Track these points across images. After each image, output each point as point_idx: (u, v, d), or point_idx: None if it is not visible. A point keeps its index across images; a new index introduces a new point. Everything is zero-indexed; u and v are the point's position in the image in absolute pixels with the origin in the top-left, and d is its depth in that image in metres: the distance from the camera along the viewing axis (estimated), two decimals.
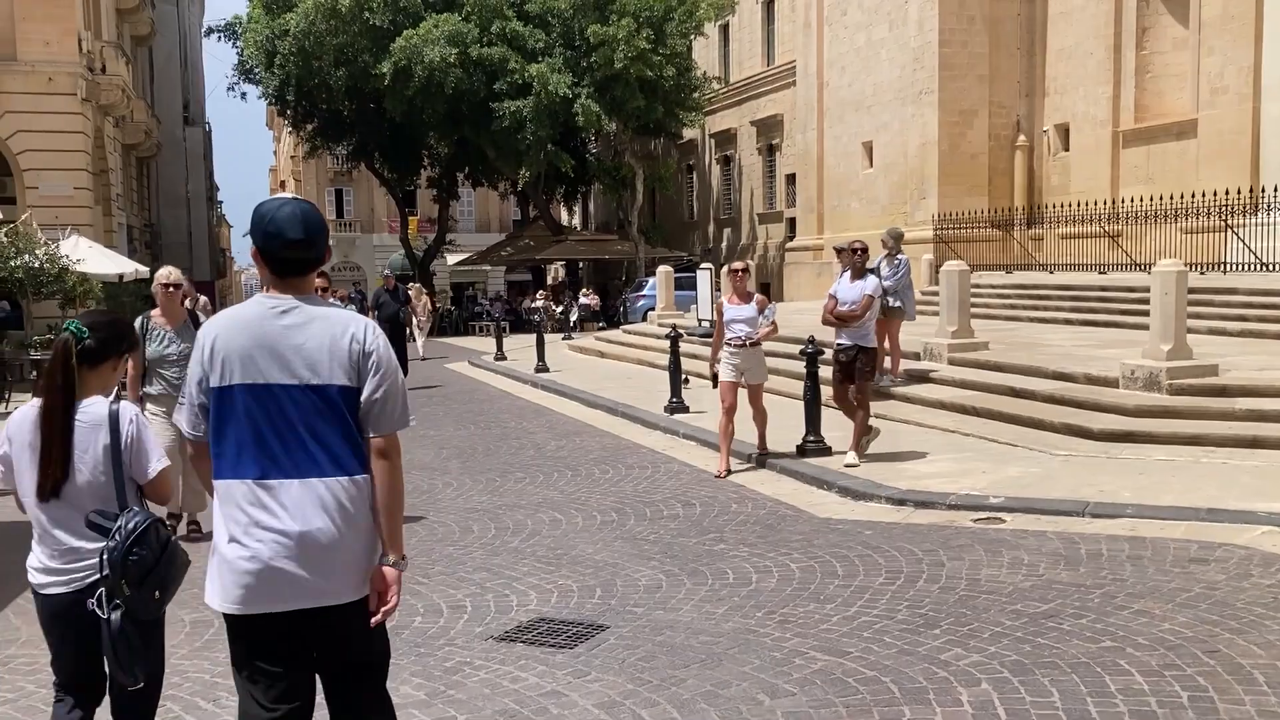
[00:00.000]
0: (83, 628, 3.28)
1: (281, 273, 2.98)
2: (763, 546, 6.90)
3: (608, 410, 13.71)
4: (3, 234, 18.28)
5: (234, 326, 2.97)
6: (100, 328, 3.40)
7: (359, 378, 2.93)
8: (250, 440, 2.89)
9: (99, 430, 3.31)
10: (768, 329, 9.49)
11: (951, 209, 27.84)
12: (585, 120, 32.89)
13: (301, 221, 2.95)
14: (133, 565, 3.15)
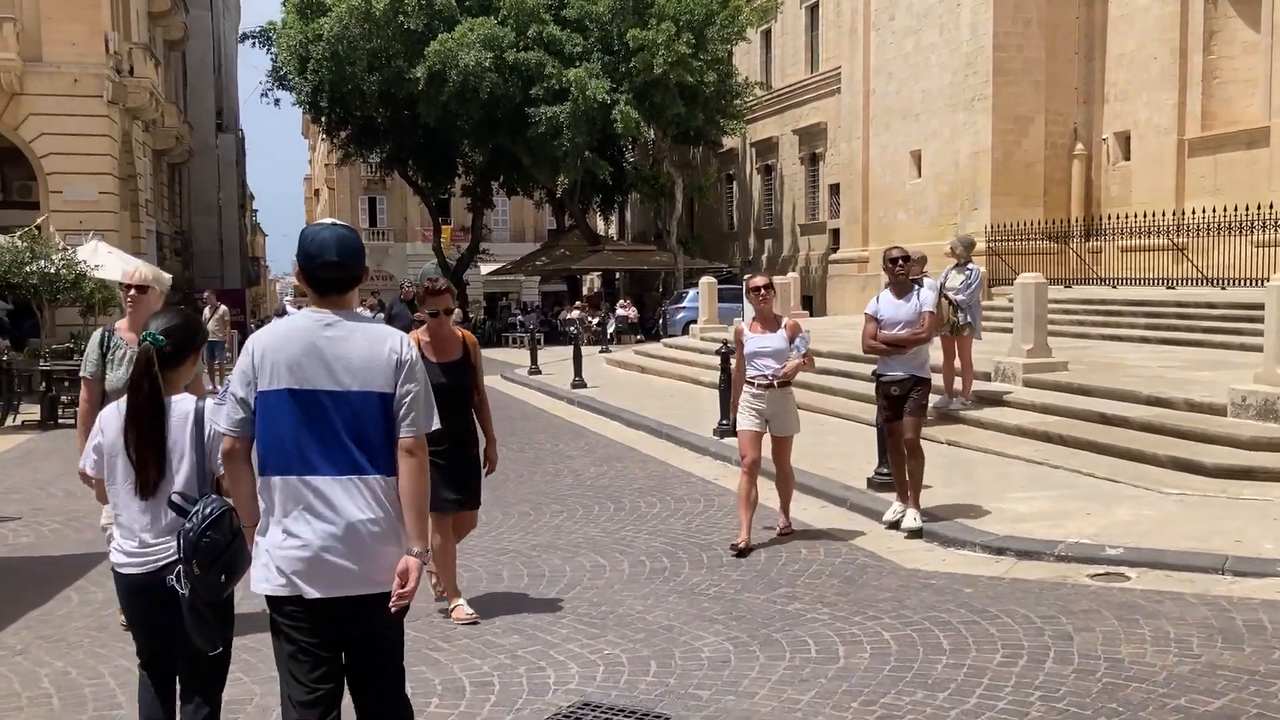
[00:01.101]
0: (157, 604, 3.51)
1: (321, 291, 3.24)
2: (845, 607, 5.82)
3: (651, 432, 12.66)
4: (17, 238, 17.51)
5: (281, 336, 3.21)
6: (173, 331, 3.64)
7: (394, 385, 3.17)
8: (297, 440, 3.12)
9: (185, 424, 3.59)
10: (798, 363, 7.28)
11: (1005, 220, 26.66)
12: (623, 127, 31.93)
13: (338, 245, 3.22)
14: (205, 547, 3.37)
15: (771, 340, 7.28)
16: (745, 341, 7.46)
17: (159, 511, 3.53)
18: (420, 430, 3.23)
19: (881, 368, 7.66)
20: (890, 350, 7.48)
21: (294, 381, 3.13)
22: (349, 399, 3.14)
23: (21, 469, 11.20)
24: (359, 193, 64.04)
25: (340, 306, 3.24)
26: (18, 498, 9.51)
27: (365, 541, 3.13)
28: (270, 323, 3.76)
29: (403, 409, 3.19)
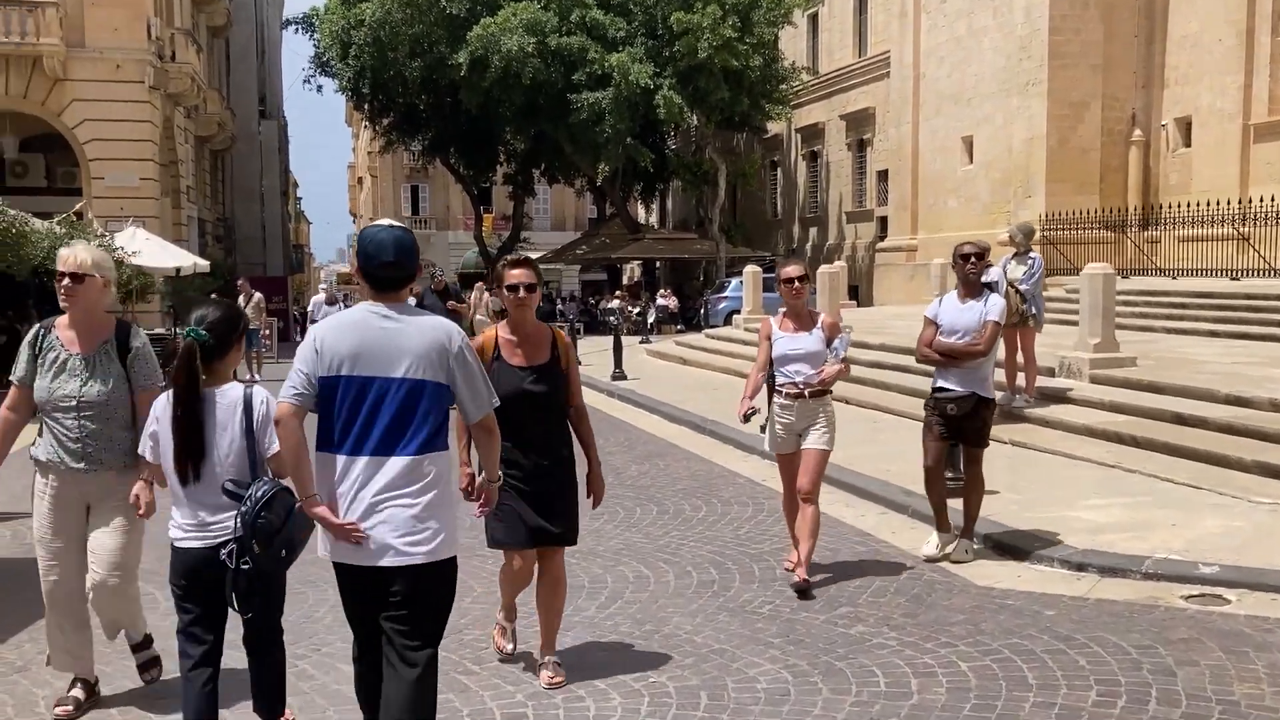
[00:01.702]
0: (211, 580, 3.73)
1: (379, 288, 3.53)
2: (914, 630, 5.30)
3: (694, 428, 12.16)
4: (56, 224, 17.31)
5: (341, 328, 3.51)
6: (216, 325, 3.79)
7: (447, 374, 3.47)
8: (354, 423, 3.42)
9: (234, 411, 3.78)
10: (836, 369, 6.06)
11: (1059, 208, 25.84)
12: (667, 112, 31.37)
13: (394, 246, 3.49)
14: (261, 527, 3.62)
15: (805, 341, 6.07)
16: (774, 340, 6.18)
17: (208, 494, 3.77)
18: (486, 410, 3.60)
19: (939, 378, 6.62)
20: (943, 361, 6.49)
21: (352, 369, 3.44)
22: (402, 386, 3.44)
23: None
24: (401, 181, 63.98)
25: (395, 301, 3.53)
26: None
27: (415, 518, 3.44)
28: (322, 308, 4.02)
29: (464, 396, 3.54)
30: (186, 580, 3.83)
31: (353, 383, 3.44)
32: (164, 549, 7.07)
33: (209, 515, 3.77)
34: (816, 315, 6.28)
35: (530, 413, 4.54)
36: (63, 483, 4.49)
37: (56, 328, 4.51)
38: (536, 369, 4.61)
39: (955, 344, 6.47)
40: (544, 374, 4.62)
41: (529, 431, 4.53)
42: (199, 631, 3.84)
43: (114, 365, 4.46)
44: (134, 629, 4.84)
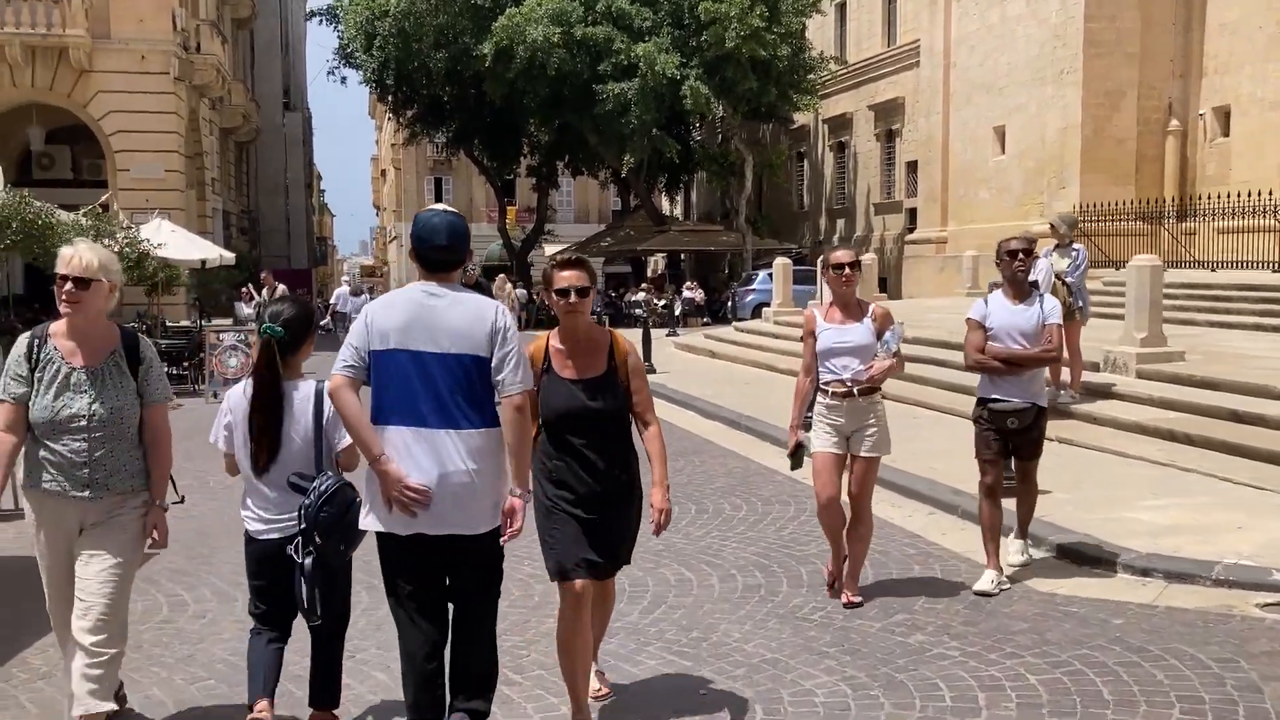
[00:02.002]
0: (285, 568, 3.83)
1: (430, 269, 3.69)
2: (977, 640, 5.03)
3: (729, 423, 11.90)
4: (80, 216, 17.22)
5: (392, 305, 3.67)
6: (291, 322, 3.93)
7: (491, 349, 3.60)
8: (404, 396, 3.56)
9: (307, 404, 3.89)
10: (888, 363, 5.56)
11: (1094, 199, 25.38)
12: (693, 103, 31.03)
13: (447, 230, 3.68)
14: (323, 520, 3.73)
15: (854, 333, 5.54)
16: (819, 333, 5.64)
17: (280, 486, 3.90)
18: (521, 389, 3.64)
19: (991, 389, 5.93)
20: (1001, 369, 5.85)
21: (402, 344, 3.58)
22: (450, 360, 3.57)
23: None
24: (425, 173, 63.85)
25: (445, 281, 3.70)
26: None
27: (463, 488, 3.57)
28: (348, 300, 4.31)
29: (505, 370, 3.60)
30: (260, 569, 4.01)
31: (401, 356, 3.58)
32: (194, 549, 6.92)
33: (276, 509, 3.92)
34: (866, 305, 5.68)
35: (585, 432, 3.97)
36: (61, 512, 3.96)
37: (53, 336, 3.93)
38: (591, 382, 4.00)
39: (1023, 351, 5.82)
40: (600, 387, 4.00)
41: (585, 453, 3.97)
42: (271, 616, 4.04)
43: (125, 379, 3.96)
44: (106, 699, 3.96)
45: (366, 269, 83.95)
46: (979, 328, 5.98)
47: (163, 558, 6.63)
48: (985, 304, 6.10)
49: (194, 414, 14.05)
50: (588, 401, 3.97)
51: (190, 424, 12.87)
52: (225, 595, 5.90)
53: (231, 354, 15.63)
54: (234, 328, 16.43)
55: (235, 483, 8.88)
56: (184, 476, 9.55)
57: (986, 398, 5.97)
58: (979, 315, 6.04)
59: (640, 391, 4.13)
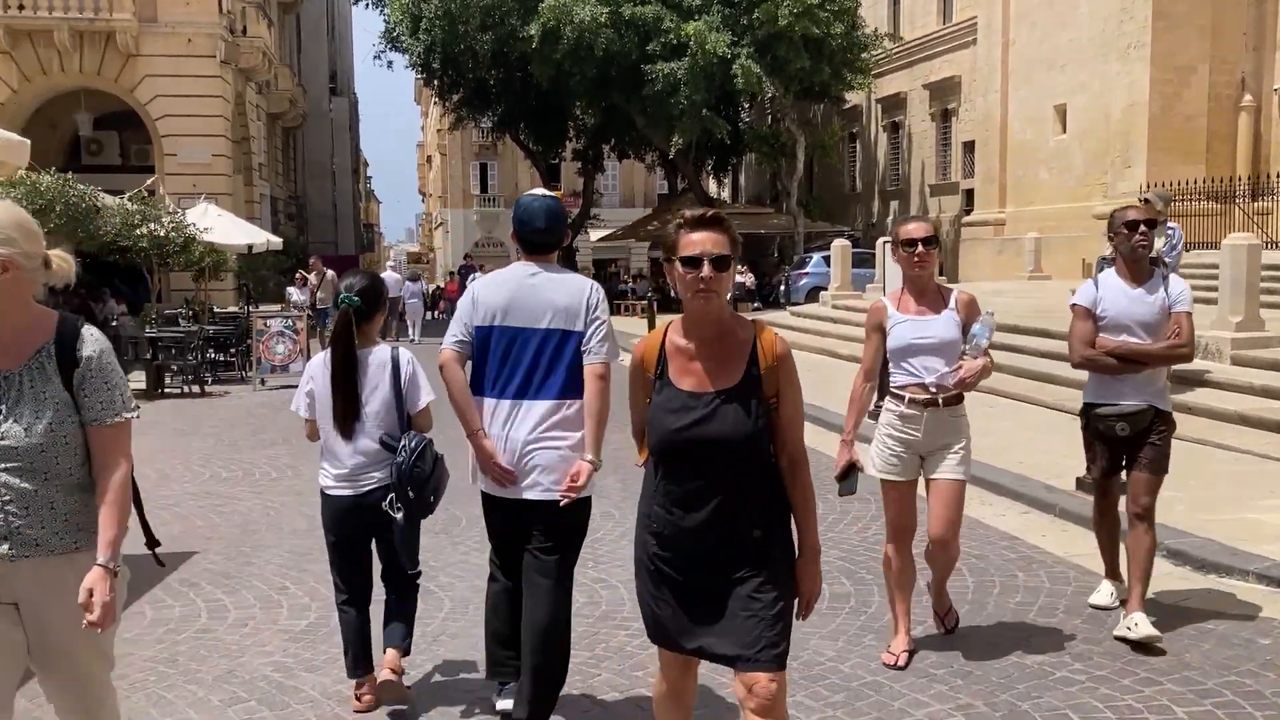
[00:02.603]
0: (361, 523, 4.11)
1: (530, 250, 3.91)
2: (1103, 660, 4.47)
3: None
4: (127, 200, 16.99)
5: (495, 284, 3.90)
6: (365, 293, 4.12)
7: (584, 325, 3.79)
8: (504, 369, 3.80)
9: (384, 369, 4.12)
10: (980, 364, 4.47)
11: (1162, 179, 24.40)
12: (745, 82, 30.32)
13: (545, 214, 3.88)
14: (416, 475, 3.99)
15: (935, 326, 4.47)
16: (891, 327, 4.55)
17: (361, 446, 4.06)
18: (606, 359, 3.78)
19: (1100, 392, 4.89)
20: (1119, 367, 4.78)
21: (503, 320, 3.78)
22: (548, 336, 3.74)
23: None
24: (470, 158, 63.67)
25: (544, 261, 3.87)
26: None
27: (560, 456, 3.75)
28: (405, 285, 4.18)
29: (593, 341, 3.76)
30: (336, 527, 4.16)
31: (504, 332, 3.78)
32: (236, 546, 6.52)
33: (360, 467, 4.06)
34: (948, 291, 4.64)
35: (706, 467, 2.82)
36: None
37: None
38: (720, 396, 2.82)
39: (1144, 345, 4.76)
40: (729, 405, 2.81)
41: (705, 497, 2.83)
42: (349, 572, 4.20)
43: (52, 387, 2.73)
44: None
45: (413, 255, 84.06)
46: (1087, 316, 4.88)
47: (203, 558, 6.24)
48: (1095, 287, 4.97)
49: (241, 402, 13.76)
50: (713, 424, 2.80)
51: (237, 413, 12.59)
52: (269, 601, 5.46)
53: (279, 340, 15.32)
54: (282, 313, 16.11)
55: (282, 476, 8.46)
56: (230, 467, 9.25)
57: (1093, 403, 4.92)
58: (1087, 300, 4.92)
59: (791, 410, 2.90)
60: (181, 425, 11.69)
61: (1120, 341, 4.80)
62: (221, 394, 14.65)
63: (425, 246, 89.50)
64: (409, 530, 4.08)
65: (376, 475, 4.05)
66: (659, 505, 2.88)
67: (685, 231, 2.82)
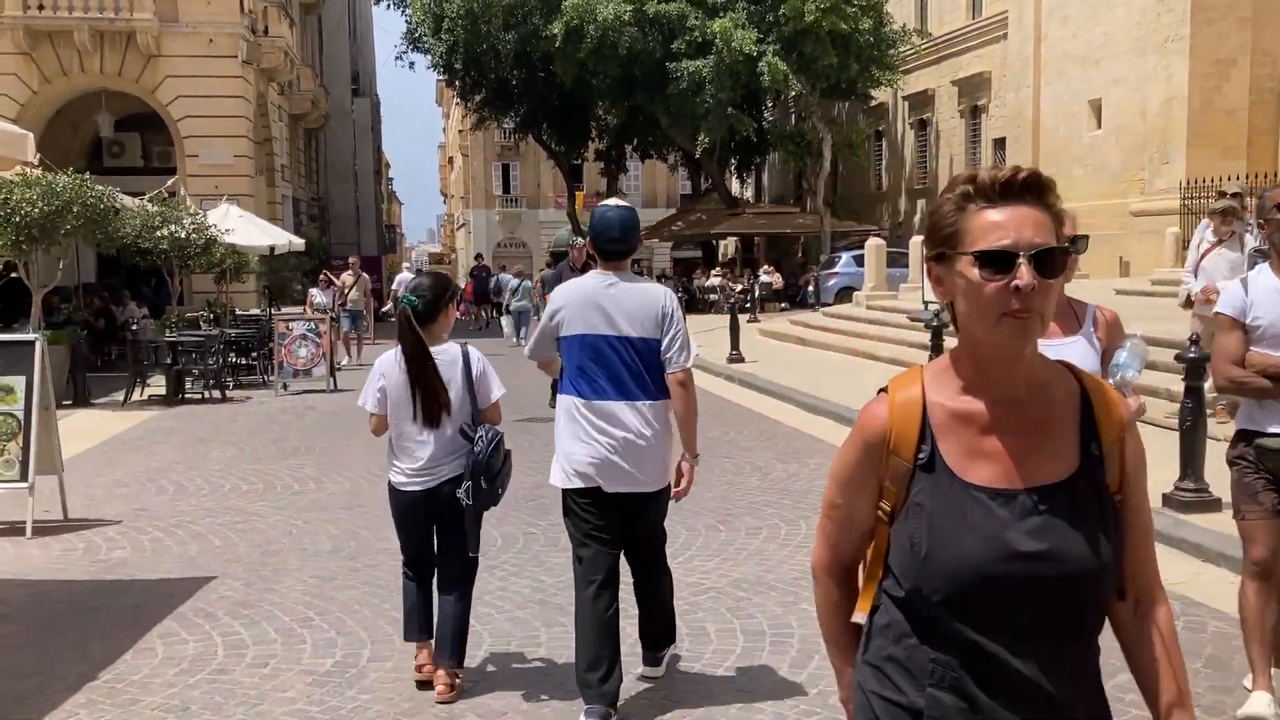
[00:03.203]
0: (429, 515, 4.32)
1: (606, 258, 4.12)
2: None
3: (836, 418, 10.84)
4: (147, 201, 16.67)
5: (575, 294, 4.11)
6: (424, 291, 4.29)
7: (661, 331, 4.01)
8: (587, 373, 4.03)
9: (455, 366, 4.31)
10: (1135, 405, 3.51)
11: (1202, 175, 23.77)
12: (772, 80, 29.83)
13: (620, 224, 4.09)
14: (490, 466, 4.20)
15: (1070, 350, 3.44)
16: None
17: (435, 439, 4.23)
18: (684, 366, 4.03)
19: (1258, 418, 3.90)
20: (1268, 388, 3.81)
21: (585, 328, 3.99)
22: (626, 342, 3.97)
23: (136, 454, 10.09)
24: (492, 159, 63.45)
25: (619, 270, 4.07)
26: (124, 492, 8.30)
27: (640, 451, 3.98)
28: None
29: (672, 350, 4.00)
30: (404, 518, 4.36)
31: (586, 339, 4.01)
32: (257, 570, 6.11)
33: (433, 460, 4.23)
34: (1083, 307, 3.78)
35: (1019, 615, 1.60)
36: None
37: None
38: (1041, 500, 1.62)
39: None
40: (1064, 511, 1.62)
41: (1005, 660, 1.60)
42: (417, 554, 4.39)
43: None
44: None
45: (434, 256, 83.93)
46: (1235, 327, 3.89)
47: (221, 583, 5.83)
48: (1242, 291, 3.93)
49: (263, 408, 13.38)
50: (1045, 545, 1.60)
51: (258, 420, 12.21)
52: (291, 635, 5.01)
53: (301, 344, 14.95)
54: (304, 316, 15.73)
55: (305, 489, 8.03)
56: (251, 479, 8.86)
57: (1253, 430, 3.92)
58: (1235, 309, 3.90)
59: (1144, 525, 1.74)
60: (201, 433, 11.32)
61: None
62: (243, 399, 14.29)
63: (447, 247, 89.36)
64: (475, 517, 4.26)
65: (447, 468, 4.24)
66: (938, 671, 1.64)
67: (980, 207, 1.63)
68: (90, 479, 8.74)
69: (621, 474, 3.99)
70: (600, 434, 3.98)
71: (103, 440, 10.82)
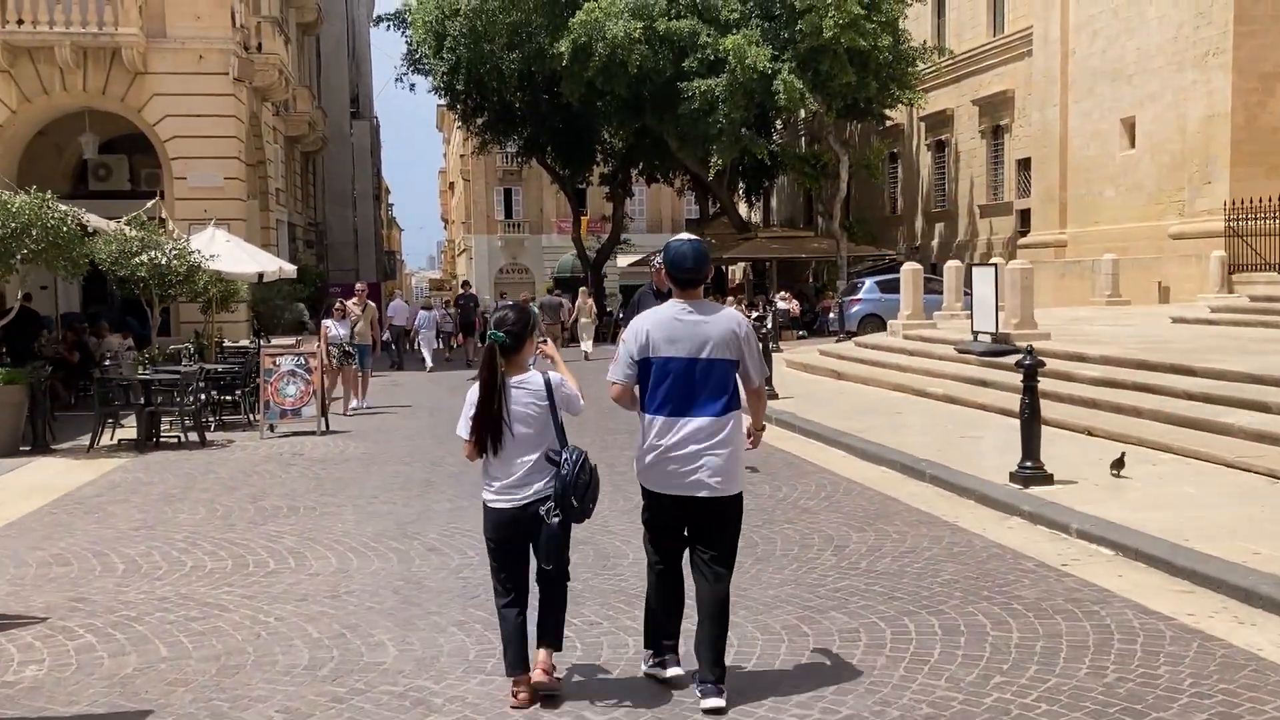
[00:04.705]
0: (520, 531, 4.50)
1: (681, 287, 4.60)
2: None
3: (905, 470, 9.35)
4: (123, 224, 15.29)
5: (658, 321, 4.53)
6: (509, 323, 4.52)
7: (738, 353, 4.51)
8: (667, 391, 4.46)
9: (540, 393, 4.53)
10: None
11: (1247, 195, 22.54)
12: (787, 99, 28.54)
13: (692, 255, 4.59)
14: (581, 485, 4.46)
15: None
16: None
17: (514, 464, 4.49)
18: (759, 380, 4.64)
19: None
20: None
21: (670, 352, 4.48)
22: (706, 364, 4.46)
23: (88, 517, 8.60)
24: (494, 184, 62.31)
25: (694, 298, 4.59)
26: (61, 574, 6.78)
27: (721, 461, 4.46)
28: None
29: (751, 369, 4.57)
30: (497, 535, 4.56)
31: (669, 362, 4.47)
32: (207, 696, 4.66)
33: (517, 482, 4.49)
34: None
35: None
36: None
37: None
38: None
39: None
40: None
41: None
42: (507, 576, 4.56)
43: None
44: None
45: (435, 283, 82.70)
46: None
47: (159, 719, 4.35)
48: None
49: (245, 455, 11.88)
50: None
51: (238, 470, 10.71)
52: None
53: (290, 381, 13.52)
54: (294, 350, 14.31)
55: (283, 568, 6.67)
56: (219, 553, 7.21)
57: None
58: None
59: None
60: (171, 487, 9.87)
61: None
62: (224, 443, 12.84)
63: (448, 274, 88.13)
64: (563, 535, 4.46)
65: (535, 487, 4.47)
66: None
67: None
68: (24, 554, 7.29)
69: (701, 480, 4.45)
70: (682, 445, 4.44)
71: (54, 499, 9.35)
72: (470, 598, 6.02)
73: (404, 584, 6.37)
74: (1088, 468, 8.66)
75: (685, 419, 4.43)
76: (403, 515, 8.35)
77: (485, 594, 5.85)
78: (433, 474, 10.29)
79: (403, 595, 6.14)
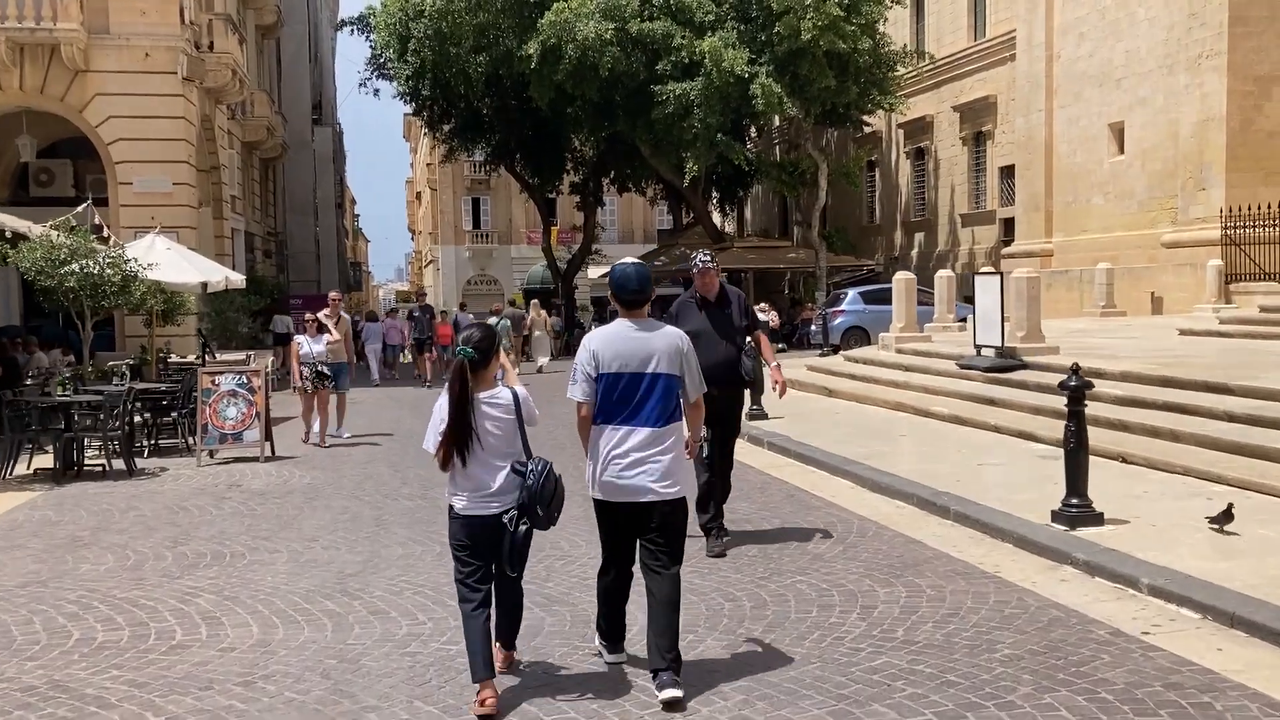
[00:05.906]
0: (488, 540, 4.68)
1: (627, 308, 4.93)
2: None
3: (924, 505, 8.21)
4: (49, 229, 13.95)
5: (608, 339, 4.88)
6: (477, 341, 4.74)
7: (680, 368, 4.87)
8: (618, 403, 4.79)
9: (508, 408, 4.77)
10: None
11: (1243, 202, 21.75)
12: (765, 103, 27.50)
13: (636, 277, 4.94)
14: (546, 494, 4.68)
15: None
16: None
17: (483, 474, 4.68)
18: (695, 394, 4.97)
19: None
20: None
21: (619, 367, 4.79)
22: (653, 378, 4.79)
23: None
24: (462, 193, 61.05)
25: (639, 317, 4.92)
26: None
27: (664, 467, 4.77)
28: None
29: (689, 382, 4.92)
30: (467, 541, 4.71)
31: (619, 377, 4.78)
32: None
33: (486, 491, 4.67)
34: None
35: None
36: None
37: None
38: None
39: None
40: None
41: None
42: (475, 582, 4.71)
43: None
44: None
45: (402, 294, 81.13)
46: None
47: None
48: None
49: (176, 487, 10.52)
50: None
51: (163, 506, 9.29)
52: None
53: (230, 402, 12.22)
54: (235, 369, 13.02)
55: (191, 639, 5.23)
56: (115, 618, 5.75)
57: None
58: None
59: None
60: (81, 528, 8.58)
61: None
62: (155, 472, 11.53)
63: (415, 285, 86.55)
64: (525, 541, 4.69)
65: (504, 498, 4.68)
66: None
67: None
68: None
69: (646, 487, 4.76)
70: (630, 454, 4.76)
71: None
72: (418, 684, 4.82)
73: (337, 663, 5.16)
74: (1135, 502, 7.58)
75: (630, 428, 4.75)
76: (345, 564, 7.12)
77: (437, 679, 4.70)
78: (385, 510, 9.06)
79: (334, 680, 4.92)
